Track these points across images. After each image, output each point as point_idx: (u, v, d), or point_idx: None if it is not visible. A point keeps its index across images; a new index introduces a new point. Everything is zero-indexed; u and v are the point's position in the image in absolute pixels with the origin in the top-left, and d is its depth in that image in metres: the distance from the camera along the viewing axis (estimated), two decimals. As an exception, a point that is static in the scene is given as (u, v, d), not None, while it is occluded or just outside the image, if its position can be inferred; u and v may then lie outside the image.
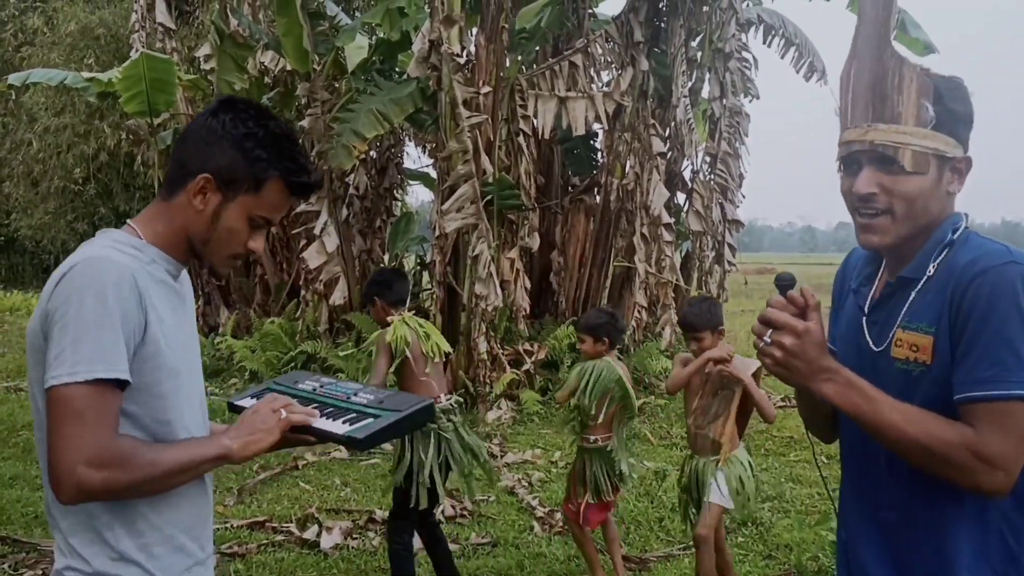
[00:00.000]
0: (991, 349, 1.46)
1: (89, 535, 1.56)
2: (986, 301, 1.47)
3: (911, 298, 1.60)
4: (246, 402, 1.95)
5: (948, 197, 1.62)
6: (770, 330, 1.54)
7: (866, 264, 1.78)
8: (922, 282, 1.60)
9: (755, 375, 4.01)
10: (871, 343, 1.67)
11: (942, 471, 1.50)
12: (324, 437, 1.77)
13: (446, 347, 4.33)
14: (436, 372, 4.25)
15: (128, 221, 1.72)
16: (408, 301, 4.45)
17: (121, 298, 1.50)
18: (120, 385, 1.50)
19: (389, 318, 4.20)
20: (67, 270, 1.52)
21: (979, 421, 1.46)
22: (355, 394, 1.91)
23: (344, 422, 1.77)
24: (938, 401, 1.52)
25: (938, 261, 1.59)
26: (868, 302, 1.72)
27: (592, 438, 4.34)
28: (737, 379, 3.94)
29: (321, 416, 1.79)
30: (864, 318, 1.71)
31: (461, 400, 4.39)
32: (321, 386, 1.98)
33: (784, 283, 1.60)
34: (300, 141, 1.81)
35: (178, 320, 1.68)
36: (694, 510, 4.13)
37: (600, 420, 4.29)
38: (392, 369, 4.15)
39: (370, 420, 1.78)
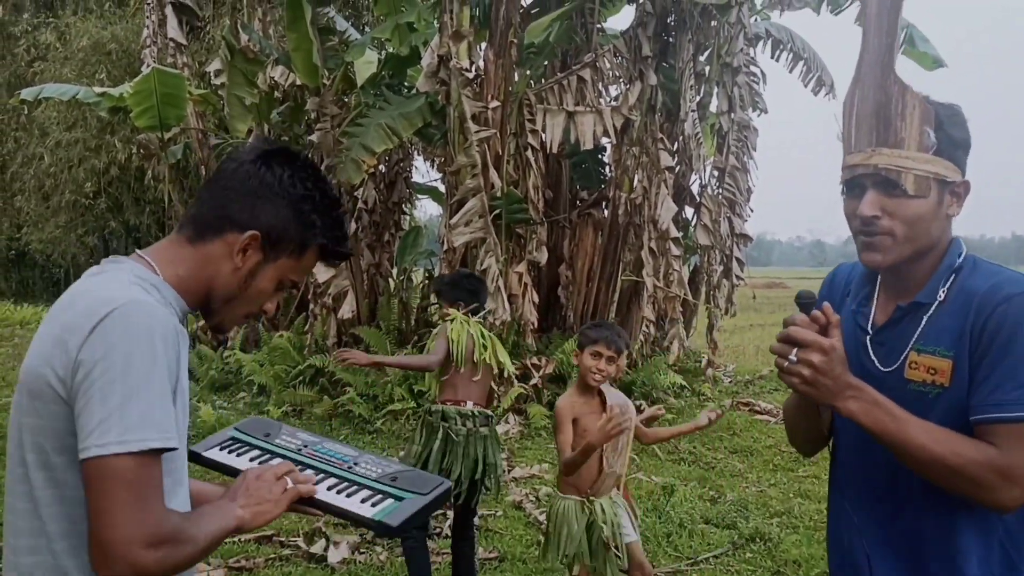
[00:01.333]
0: (1016, 372, 1.51)
1: None
2: (1012, 326, 1.53)
3: (923, 322, 1.65)
4: (214, 454, 1.80)
5: (947, 220, 1.67)
6: (795, 349, 1.54)
7: (862, 284, 1.82)
8: (933, 307, 1.64)
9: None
10: (877, 364, 1.71)
11: (963, 488, 1.54)
12: (340, 515, 1.63)
13: (508, 365, 4.45)
14: (478, 381, 4.31)
15: (140, 253, 1.56)
16: (481, 309, 4.49)
17: (168, 353, 1.37)
18: (167, 451, 1.37)
19: (456, 313, 4.32)
20: (104, 316, 1.35)
21: (1003, 441, 1.51)
22: (355, 463, 1.75)
23: (363, 502, 1.63)
24: (953, 420, 1.56)
25: (947, 286, 1.64)
26: (870, 322, 1.76)
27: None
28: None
29: (326, 489, 1.65)
30: (867, 338, 1.74)
31: (489, 413, 4.39)
32: (305, 445, 1.80)
33: (805, 301, 1.61)
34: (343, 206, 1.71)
35: (184, 368, 1.52)
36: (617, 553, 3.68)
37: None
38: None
39: (392, 502, 1.64)
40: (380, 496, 1.65)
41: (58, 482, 1.39)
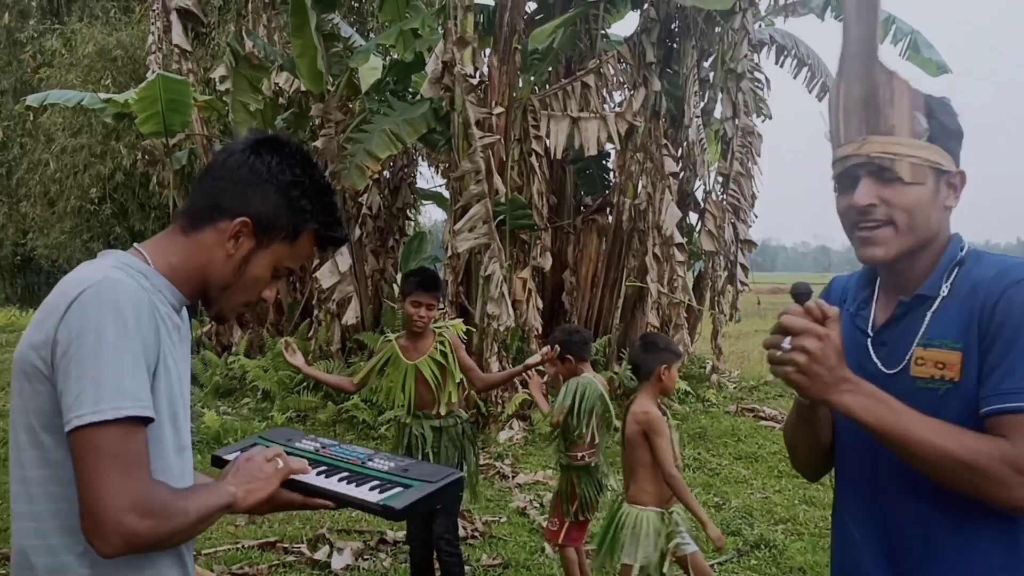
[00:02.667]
0: None
1: None
2: (1020, 312, 1.45)
3: (928, 316, 1.57)
4: (234, 456, 1.81)
5: (946, 212, 1.61)
6: (788, 337, 1.45)
7: (860, 288, 1.74)
8: (938, 300, 1.57)
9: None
10: (880, 365, 1.62)
11: (974, 485, 1.44)
12: (349, 503, 1.65)
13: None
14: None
15: (136, 246, 1.60)
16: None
17: (141, 327, 1.39)
18: (146, 422, 1.39)
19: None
20: (77, 294, 1.39)
21: (1015, 432, 1.42)
22: (369, 459, 1.78)
23: (372, 489, 1.65)
24: (966, 417, 1.47)
25: (951, 280, 1.57)
26: (870, 324, 1.68)
27: (579, 455, 4.30)
28: None
29: (338, 480, 1.68)
30: (868, 340, 1.66)
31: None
32: (323, 447, 1.84)
33: (801, 293, 1.52)
34: (335, 193, 1.73)
35: (176, 358, 1.54)
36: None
37: (587, 437, 4.27)
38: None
39: (400, 489, 1.66)
40: (389, 485, 1.67)
41: (48, 461, 1.42)
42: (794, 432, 1.78)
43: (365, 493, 1.64)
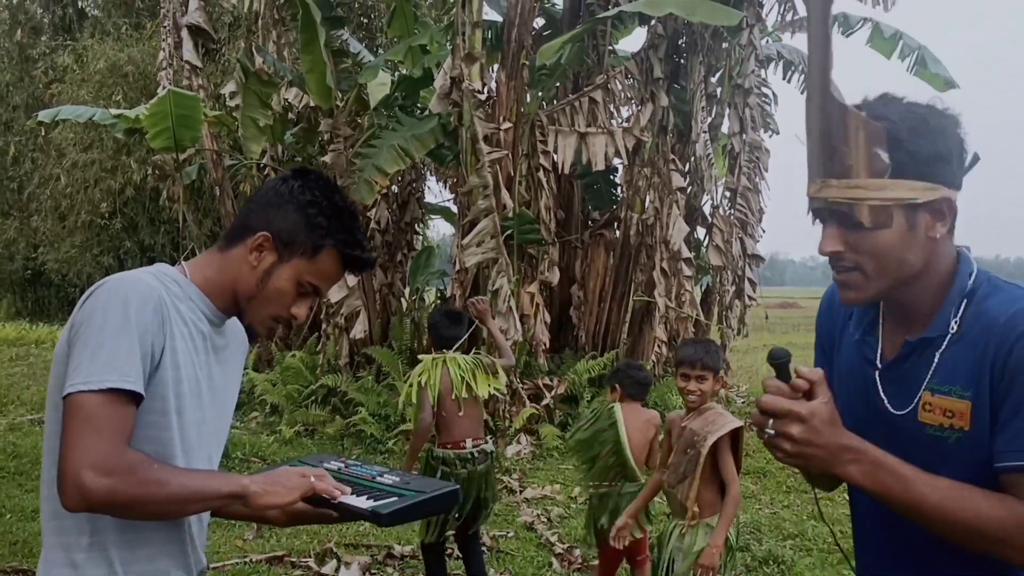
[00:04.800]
0: None
1: (61, 565, 1.59)
2: None
3: (936, 358, 1.46)
4: None
5: (935, 243, 1.45)
6: (771, 419, 1.36)
7: (866, 312, 1.62)
8: (947, 340, 1.46)
9: (734, 438, 3.64)
10: (887, 404, 1.53)
11: (990, 549, 1.37)
12: (346, 513, 1.74)
13: (478, 389, 4.41)
14: (466, 416, 4.36)
15: (181, 261, 1.80)
16: (454, 342, 4.57)
17: (143, 316, 1.53)
18: (134, 399, 1.51)
19: (427, 356, 4.43)
20: (97, 287, 1.57)
21: None
22: (380, 475, 1.90)
23: (368, 498, 1.75)
24: (976, 467, 1.40)
25: (960, 315, 1.45)
26: (878, 355, 1.57)
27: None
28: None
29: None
30: (877, 373, 1.56)
31: (488, 449, 4.44)
32: (346, 466, 1.96)
33: (779, 361, 1.42)
34: (360, 220, 1.85)
35: (198, 362, 1.67)
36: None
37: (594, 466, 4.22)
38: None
39: (394, 499, 1.76)
40: (385, 495, 1.76)
41: (55, 433, 1.56)
42: None
43: (361, 502, 1.72)
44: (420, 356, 4.50)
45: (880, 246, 1.42)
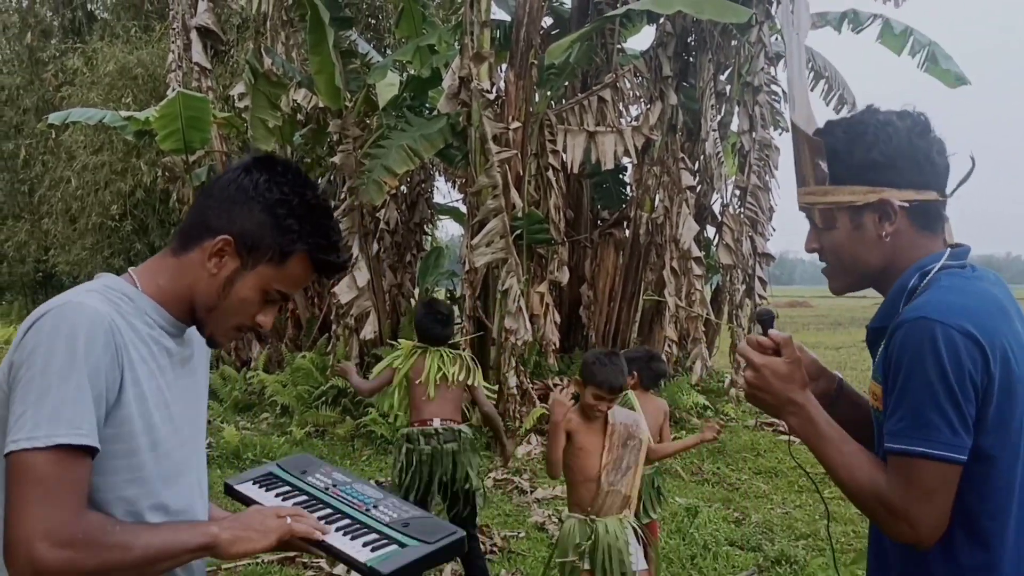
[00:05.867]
0: (901, 403, 1.47)
1: None
2: (899, 354, 1.48)
3: (881, 347, 1.60)
4: (246, 487, 1.78)
5: (888, 241, 1.60)
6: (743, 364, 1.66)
7: None
8: (888, 331, 1.57)
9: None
10: None
11: (874, 519, 1.55)
12: (338, 557, 1.58)
13: (452, 374, 4.51)
14: (441, 398, 4.50)
15: (130, 269, 1.57)
16: (444, 341, 4.69)
17: (92, 352, 1.34)
18: (89, 452, 1.33)
19: (407, 343, 4.69)
20: (38, 317, 1.37)
21: (889, 471, 1.49)
22: (375, 506, 1.70)
23: (365, 545, 1.58)
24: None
25: (903, 307, 1.57)
26: None
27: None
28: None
29: (335, 530, 1.61)
30: None
31: (457, 428, 4.50)
32: (334, 485, 1.77)
33: (763, 319, 1.72)
34: (333, 216, 1.64)
35: (166, 383, 1.50)
36: None
37: None
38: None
39: (394, 548, 1.58)
40: (385, 541, 1.60)
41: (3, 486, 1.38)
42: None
43: (357, 549, 1.56)
44: (400, 341, 4.65)
45: (832, 244, 1.66)
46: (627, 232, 10.80)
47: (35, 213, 23.00)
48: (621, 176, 11.38)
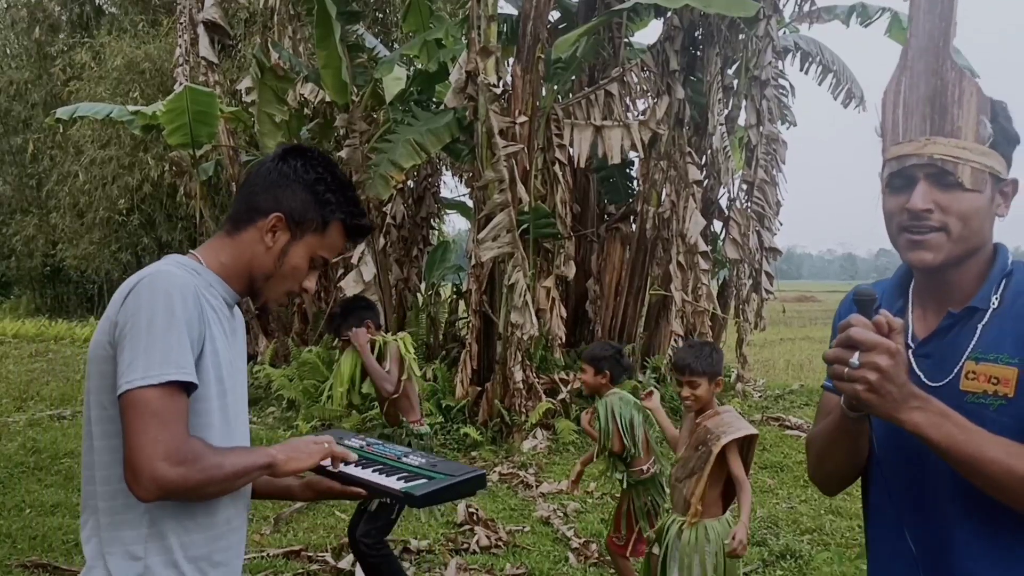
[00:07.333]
0: None
1: (122, 557, 1.63)
2: None
3: (979, 329, 1.51)
4: None
5: (993, 221, 1.56)
6: (857, 352, 1.38)
7: (895, 298, 1.68)
8: (988, 313, 1.51)
9: (745, 445, 3.56)
10: (923, 377, 1.56)
11: None
12: (377, 491, 1.83)
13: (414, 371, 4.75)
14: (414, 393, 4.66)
15: (191, 251, 1.84)
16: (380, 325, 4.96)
17: (187, 308, 1.60)
18: (187, 388, 1.59)
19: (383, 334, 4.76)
20: (135, 284, 1.63)
21: None
22: (405, 456, 1.97)
23: (399, 479, 1.82)
24: (1017, 434, 1.44)
25: (1000, 292, 1.53)
26: (910, 335, 1.61)
27: (642, 468, 4.30)
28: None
29: (373, 472, 1.86)
30: (910, 352, 1.58)
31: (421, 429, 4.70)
32: (368, 444, 2.05)
33: (865, 299, 1.44)
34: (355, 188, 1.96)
35: (228, 345, 1.76)
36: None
37: (643, 450, 4.27)
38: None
39: (424, 480, 1.82)
40: (415, 476, 1.84)
41: (112, 432, 1.62)
42: (829, 445, 1.67)
43: (392, 483, 1.80)
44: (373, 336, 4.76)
45: (971, 209, 1.50)
46: (634, 226, 10.78)
47: (43, 208, 23.10)
48: (628, 170, 11.36)
